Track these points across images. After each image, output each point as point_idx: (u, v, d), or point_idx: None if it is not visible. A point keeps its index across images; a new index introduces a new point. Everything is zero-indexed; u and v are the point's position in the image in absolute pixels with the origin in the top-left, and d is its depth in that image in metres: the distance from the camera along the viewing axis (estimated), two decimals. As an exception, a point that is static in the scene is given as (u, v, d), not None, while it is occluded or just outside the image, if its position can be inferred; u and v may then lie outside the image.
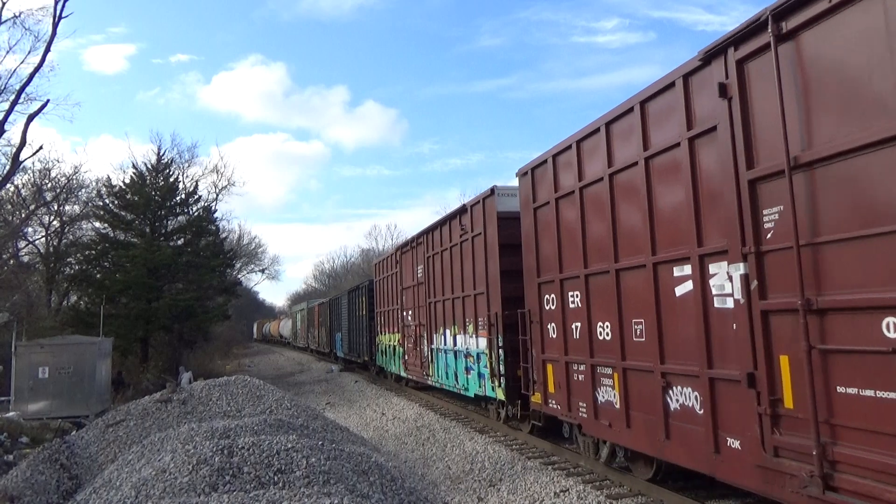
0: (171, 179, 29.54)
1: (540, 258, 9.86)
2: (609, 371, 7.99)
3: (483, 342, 12.24)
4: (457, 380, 14.05)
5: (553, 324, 9.49)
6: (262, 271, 69.70)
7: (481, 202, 12.40)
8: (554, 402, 9.51)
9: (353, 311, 27.79)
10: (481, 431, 12.65)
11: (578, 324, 8.74)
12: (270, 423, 8.41)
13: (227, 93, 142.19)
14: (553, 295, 9.45)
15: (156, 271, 26.05)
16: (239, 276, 52.11)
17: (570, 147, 8.95)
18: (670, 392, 6.83)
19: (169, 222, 29.16)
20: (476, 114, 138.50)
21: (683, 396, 6.66)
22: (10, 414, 14.12)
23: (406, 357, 18.32)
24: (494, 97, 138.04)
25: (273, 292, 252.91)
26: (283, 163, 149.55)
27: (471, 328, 12.97)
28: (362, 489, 6.27)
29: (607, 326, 8.05)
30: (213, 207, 32.61)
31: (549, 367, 9.66)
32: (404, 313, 18.31)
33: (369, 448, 9.79)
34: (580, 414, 8.72)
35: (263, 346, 71.02)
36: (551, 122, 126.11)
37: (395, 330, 19.51)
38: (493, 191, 11.94)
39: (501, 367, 11.35)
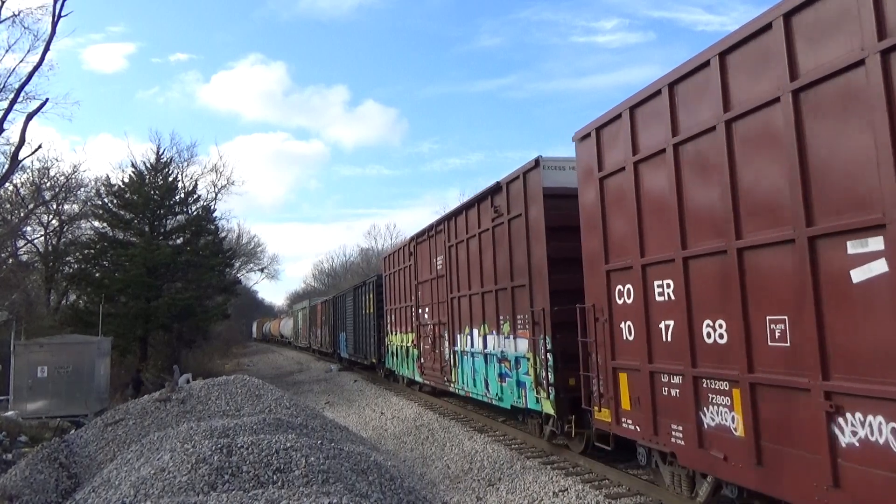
0: (171, 179, 29.56)
1: (609, 240, 7.90)
2: (724, 386, 6.09)
3: (523, 344, 10.41)
4: (487, 388, 12.06)
5: (629, 322, 7.47)
6: (262, 270, 69.83)
7: (521, 178, 10.45)
8: (629, 421, 7.54)
9: (358, 309, 26.18)
10: (480, 431, 12.65)
11: (670, 322, 6.82)
12: (269, 422, 8.41)
13: (227, 92, 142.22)
14: (629, 286, 7.45)
15: (155, 270, 26.04)
16: (238, 275, 52.15)
17: (657, 94, 6.96)
18: (841, 420, 4.86)
19: (168, 221, 29.16)
20: (476, 114, 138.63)
21: (868, 428, 4.67)
22: (9, 413, 14.10)
23: (422, 360, 16.51)
24: (494, 97, 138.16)
25: (272, 292, 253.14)
26: (283, 162, 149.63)
27: (506, 327, 11.08)
28: (361, 488, 6.27)
29: (720, 326, 6.16)
30: (212, 207, 32.66)
31: (623, 378, 7.66)
32: (420, 311, 16.51)
33: (368, 447, 9.79)
34: (673, 440, 6.82)
35: (263, 346, 70.98)
36: (551, 121, 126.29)
37: (409, 329, 17.75)
38: (537, 162, 9.97)
39: (549, 375, 9.47)
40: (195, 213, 29.72)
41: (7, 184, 23.78)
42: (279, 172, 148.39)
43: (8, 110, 21.25)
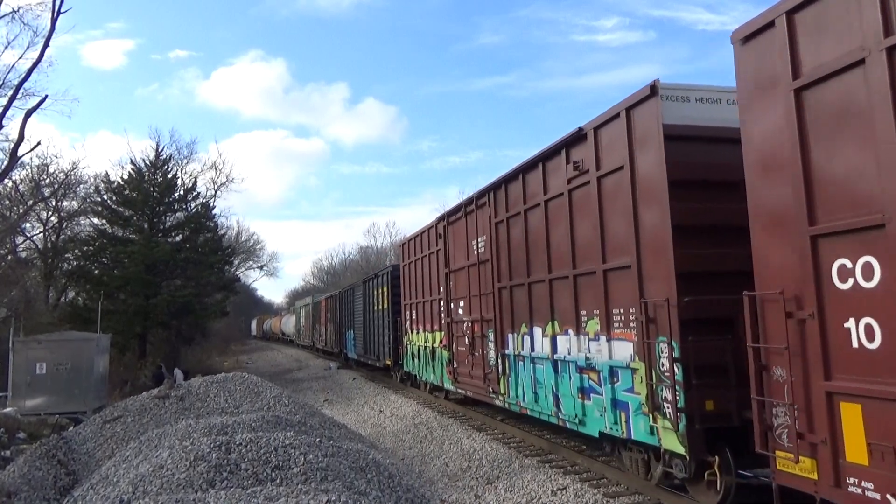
0: (170, 176, 29.55)
1: (816, 186, 5.11)
2: None
3: (623, 349, 7.67)
4: (557, 406, 9.37)
5: (866, 319, 4.74)
6: (261, 268, 69.84)
7: (622, 116, 7.61)
8: (864, 484, 4.76)
9: (369, 305, 23.58)
10: (479, 429, 12.66)
11: None
12: (268, 419, 8.42)
13: (227, 89, 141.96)
14: (868, 259, 4.68)
15: (154, 267, 26.04)
16: (237, 272, 52.15)
17: None
18: None
19: (167, 219, 29.14)
20: (475, 112, 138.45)
21: None
22: (8, 410, 14.09)
23: (455, 364, 13.93)
24: (494, 95, 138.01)
25: (271, 289, 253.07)
26: (283, 160, 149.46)
27: (592, 326, 8.38)
28: (360, 486, 6.28)
29: None
30: (211, 204, 32.66)
31: (852, 410, 4.88)
32: (452, 305, 13.99)
33: (367, 445, 9.79)
34: None
35: (262, 343, 70.98)
36: (550, 120, 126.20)
37: (435, 327, 15.33)
38: (653, 90, 7.13)
39: (677, 396, 6.67)
40: (194, 211, 29.70)
41: (6, 180, 23.77)
42: (279, 170, 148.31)
43: (7, 107, 21.24)
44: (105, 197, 27.87)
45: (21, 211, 26.50)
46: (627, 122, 7.59)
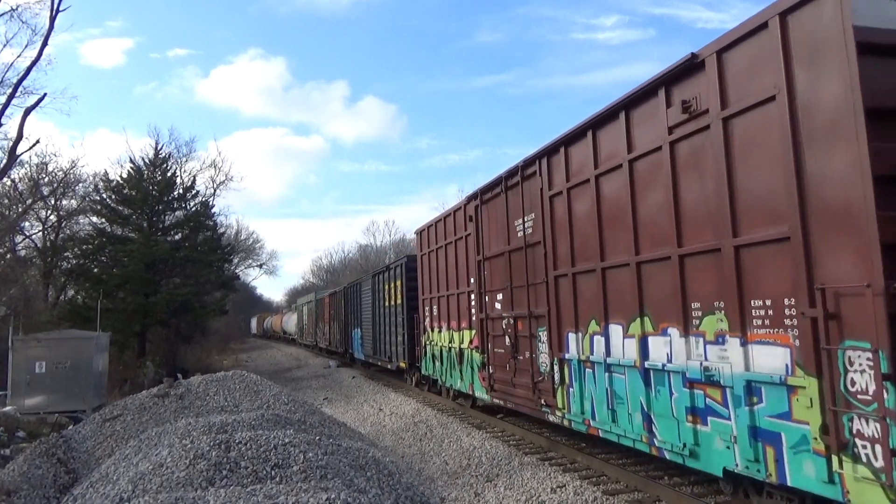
0: (169, 174, 29.51)
1: None
2: None
3: (775, 357, 5.55)
4: (651, 429, 7.18)
5: None
6: (260, 266, 69.89)
7: (774, 24, 5.47)
8: None
9: (379, 301, 21.62)
10: (478, 427, 12.66)
11: None
12: (268, 418, 8.42)
13: (226, 87, 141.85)
14: None
15: (153, 266, 26.04)
16: (236, 271, 52.11)
17: None
18: None
19: (166, 217, 29.13)
20: (475, 110, 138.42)
21: None
22: (7, 408, 14.10)
23: (490, 369, 11.79)
24: (493, 93, 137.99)
25: (271, 287, 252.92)
26: (282, 158, 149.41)
27: (712, 322, 6.27)
28: (359, 484, 6.28)
29: None
30: (210, 202, 32.58)
31: None
32: (486, 298, 11.98)
33: (367, 443, 9.80)
34: None
35: (261, 342, 70.97)
36: (550, 118, 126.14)
37: (463, 325, 13.36)
38: None
39: (889, 431, 4.53)
40: (194, 209, 29.69)
41: (5, 179, 23.75)
42: (278, 168, 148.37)
43: (6, 105, 21.21)
44: (104, 195, 27.85)
45: (20, 209, 26.48)
46: (782, 32, 5.38)
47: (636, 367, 7.33)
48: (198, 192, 31.77)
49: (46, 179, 28.12)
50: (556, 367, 9.29)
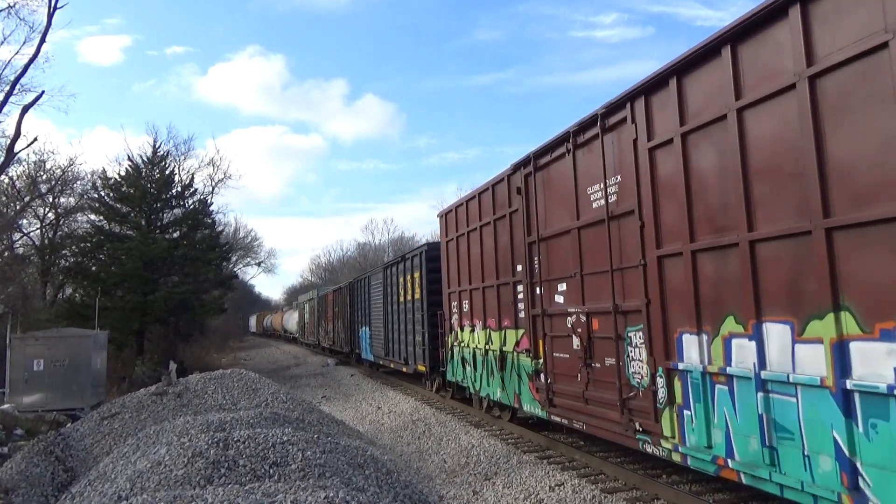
0: (167, 172, 29.50)
1: None
2: None
3: None
4: (859, 485, 4.71)
5: None
6: (259, 265, 69.88)
7: None
8: None
9: (392, 295, 19.42)
10: (477, 425, 12.66)
11: None
12: (266, 416, 8.42)
13: (225, 84, 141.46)
14: None
15: (151, 264, 26.01)
16: (235, 269, 52.12)
17: None
18: None
19: (165, 215, 29.11)
20: (473, 108, 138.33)
21: None
22: (5, 406, 14.08)
23: (550, 379, 9.45)
24: (492, 92, 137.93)
25: (269, 286, 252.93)
26: (281, 156, 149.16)
27: None
28: (358, 482, 6.28)
29: None
30: (209, 200, 32.53)
31: None
32: (541, 290, 9.69)
33: (365, 441, 9.81)
34: None
35: (260, 340, 70.94)
36: (549, 117, 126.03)
37: (506, 322, 11.03)
38: None
39: None
40: (192, 207, 29.66)
41: (3, 176, 23.71)
42: (277, 166, 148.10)
43: (3, 102, 21.16)
44: (102, 193, 27.82)
45: (18, 207, 26.44)
46: None
47: (826, 388, 4.91)
48: (196, 190, 31.77)
49: (44, 177, 28.11)
50: (659, 381, 6.84)
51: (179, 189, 29.74)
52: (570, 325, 8.85)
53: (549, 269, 9.53)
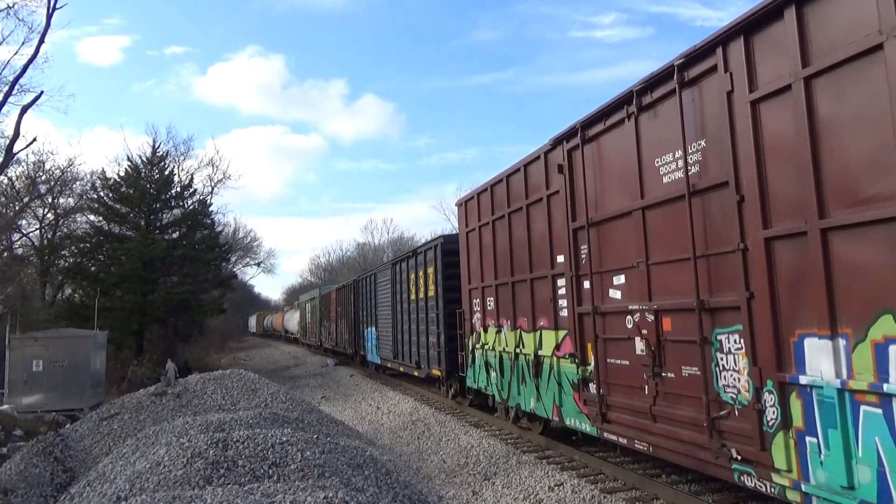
0: (167, 172, 29.51)
1: None
2: None
3: None
4: None
5: None
6: (258, 265, 69.84)
7: None
8: None
9: (402, 293, 18.07)
10: (476, 425, 12.66)
11: None
12: (265, 416, 8.43)
13: (224, 84, 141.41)
14: None
15: (151, 264, 26.01)
16: (234, 269, 52.11)
17: None
18: None
19: (164, 215, 29.12)
20: (473, 108, 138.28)
21: None
22: (4, 407, 14.08)
23: (603, 390, 7.96)
24: (491, 91, 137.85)
25: (269, 286, 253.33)
26: (281, 156, 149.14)
27: None
28: (357, 483, 6.28)
29: None
30: (208, 201, 32.57)
31: None
32: (588, 284, 8.22)
33: (364, 442, 9.81)
34: None
35: (260, 340, 70.92)
36: (548, 116, 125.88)
37: (542, 322, 9.61)
38: None
39: None
40: (191, 208, 29.67)
41: (2, 177, 23.72)
42: (276, 166, 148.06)
43: (2, 103, 21.16)
44: (101, 194, 27.83)
45: (17, 207, 26.42)
46: None
47: None
48: (195, 190, 31.79)
49: (44, 177, 28.09)
50: (768, 398, 5.45)
51: (179, 189, 29.76)
52: (631, 326, 7.35)
53: (601, 259, 7.99)
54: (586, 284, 8.29)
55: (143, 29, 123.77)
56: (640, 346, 7.17)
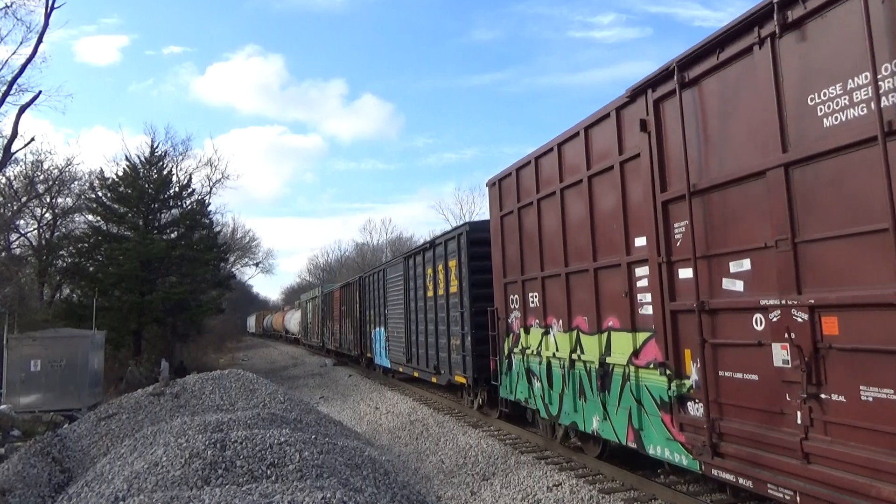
0: (165, 172, 29.48)
1: None
2: None
3: None
4: None
5: None
6: (257, 265, 69.82)
7: None
8: None
9: (417, 290, 16.47)
10: (475, 426, 12.66)
11: None
12: (264, 416, 8.42)
13: (223, 84, 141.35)
14: None
15: (149, 264, 25.99)
16: (233, 269, 52.06)
17: None
18: None
19: (162, 215, 29.10)
20: (471, 108, 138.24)
21: None
22: (2, 407, 14.06)
23: (711, 413, 6.12)
24: (490, 91, 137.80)
25: (267, 286, 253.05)
26: (279, 156, 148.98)
27: None
28: (355, 483, 6.28)
29: None
30: (206, 201, 32.53)
31: None
32: (686, 273, 6.44)
33: (362, 442, 9.81)
34: None
35: (258, 340, 70.88)
36: (546, 116, 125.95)
37: (609, 322, 7.84)
38: None
39: None
40: (189, 207, 29.64)
41: (0, 177, 23.69)
42: (275, 166, 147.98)
43: (0, 102, 21.14)
44: (100, 193, 27.80)
45: (15, 207, 26.38)
46: None
47: None
48: (194, 190, 31.73)
49: (42, 177, 28.00)
50: None
51: (177, 189, 29.73)
52: (762, 328, 5.57)
53: (709, 239, 6.13)
54: (684, 273, 6.45)
55: (142, 28, 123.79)
56: (779, 355, 5.35)
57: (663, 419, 6.79)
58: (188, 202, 29.97)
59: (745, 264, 5.72)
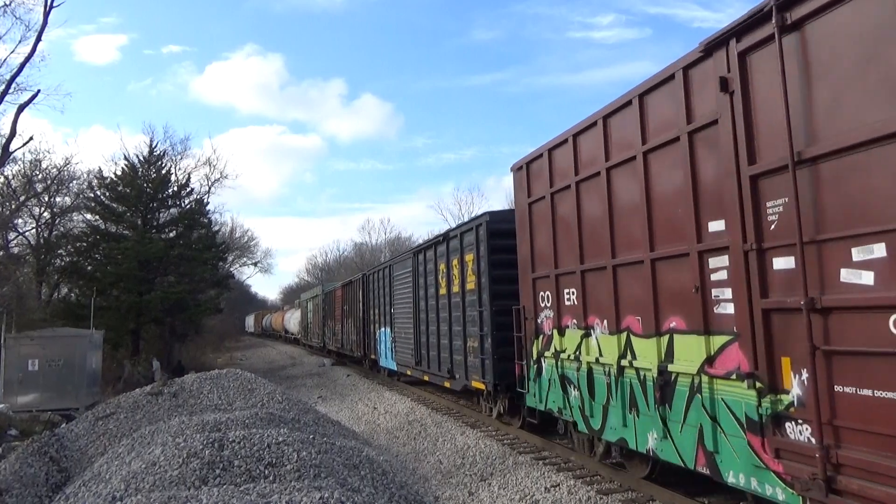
0: (164, 171, 29.47)
1: None
2: None
3: None
4: None
5: None
6: (255, 264, 69.74)
7: None
8: None
9: (428, 287, 15.30)
10: (473, 426, 12.66)
11: None
12: (262, 416, 8.42)
13: (222, 84, 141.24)
14: None
15: (147, 264, 25.97)
16: (231, 269, 52.01)
17: None
18: None
19: (161, 215, 29.09)
20: (470, 108, 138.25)
21: None
22: (0, 406, 14.04)
23: (824, 439, 4.74)
24: (489, 91, 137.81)
25: (266, 286, 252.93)
26: (278, 155, 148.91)
27: None
28: (353, 483, 6.28)
29: None
30: (205, 200, 32.55)
31: None
32: (785, 264, 5.18)
33: (360, 442, 9.80)
34: None
35: (256, 340, 70.83)
36: (546, 117, 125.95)
37: (669, 323, 6.63)
38: None
39: None
40: (188, 207, 29.63)
41: (-2, 175, 23.67)
42: (274, 166, 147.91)
43: (-1, 101, 21.11)
44: (98, 193, 27.78)
45: (13, 206, 26.35)
46: None
47: None
48: (192, 189, 31.74)
49: (40, 176, 27.97)
50: None
51: (176, 189, 29.71)
52: None
53: (820, 220, 4.85)
54: (782, 262, 5.22)
55: (141, 28, 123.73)
56: None
57: (750, 442, 5.53)
58: (187, 202, 30.00)
59: (877, 250, 4.42)
